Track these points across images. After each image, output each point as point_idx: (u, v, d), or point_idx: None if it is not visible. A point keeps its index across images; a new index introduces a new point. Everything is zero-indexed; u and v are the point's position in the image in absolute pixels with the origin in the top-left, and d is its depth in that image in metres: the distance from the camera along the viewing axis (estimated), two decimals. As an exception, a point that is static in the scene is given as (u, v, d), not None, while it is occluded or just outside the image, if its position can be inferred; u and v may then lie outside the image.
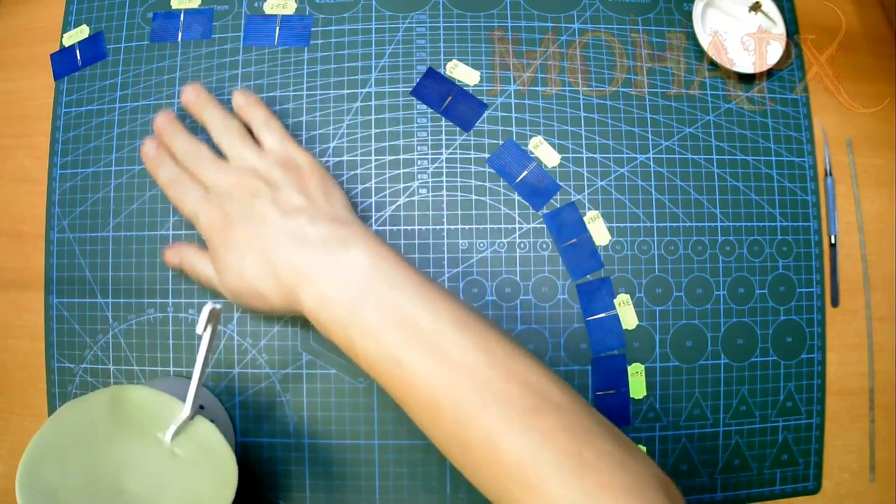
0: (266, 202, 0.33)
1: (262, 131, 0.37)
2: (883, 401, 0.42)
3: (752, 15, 0.43)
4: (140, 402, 0.31)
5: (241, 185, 0.34)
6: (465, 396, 0.27)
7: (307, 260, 0.31)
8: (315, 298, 0.31)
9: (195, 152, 0.37)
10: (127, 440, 0.30)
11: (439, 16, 0.43)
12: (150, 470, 0.30)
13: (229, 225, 0.34)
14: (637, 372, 0.40)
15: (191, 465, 0.30)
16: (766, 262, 0.41)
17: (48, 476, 0.28)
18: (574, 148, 0.42)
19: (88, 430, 0.30)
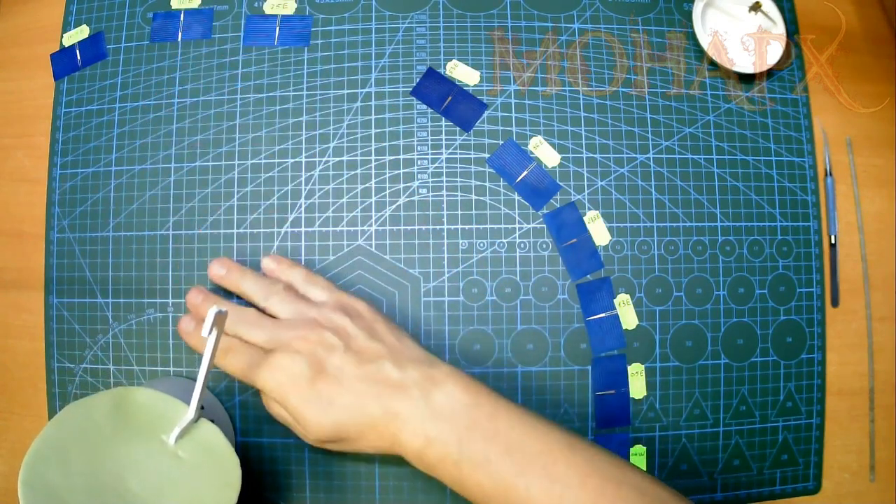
0: (340, 352, 0.33)
1: (308, 287, 0.37)
2: (883, 401, 0.42)
3: (752, 15, 0.43)
4: (143, 404, 0.31)
5: (307, 339, 0.33)
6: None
7: (404, 404, 0.31)
8: (418, 440, 0.31)
9: (240, 316, 0.35)
10: (130, 441, 0.30)
11: (439, 16, 0.43)
12: (153, 471, 0.30)
13: (304, 382, 0.32)
14: (637, 372, 0.40)
15: (194, 466, 0.30)
16: (766, 262, 0.41)
17: (50, 476, 0.28)
18: (574, 148, 0.42)
19: (91, 431, 0.30)
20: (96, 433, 0.30)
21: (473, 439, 0.30)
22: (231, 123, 0.42)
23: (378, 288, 0.40)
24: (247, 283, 0.37)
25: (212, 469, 0.30)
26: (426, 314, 0.40)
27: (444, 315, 0.40)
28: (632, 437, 0.40)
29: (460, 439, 0.30)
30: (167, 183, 0.42)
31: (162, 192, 0.41)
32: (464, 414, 0.31)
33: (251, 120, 0.42)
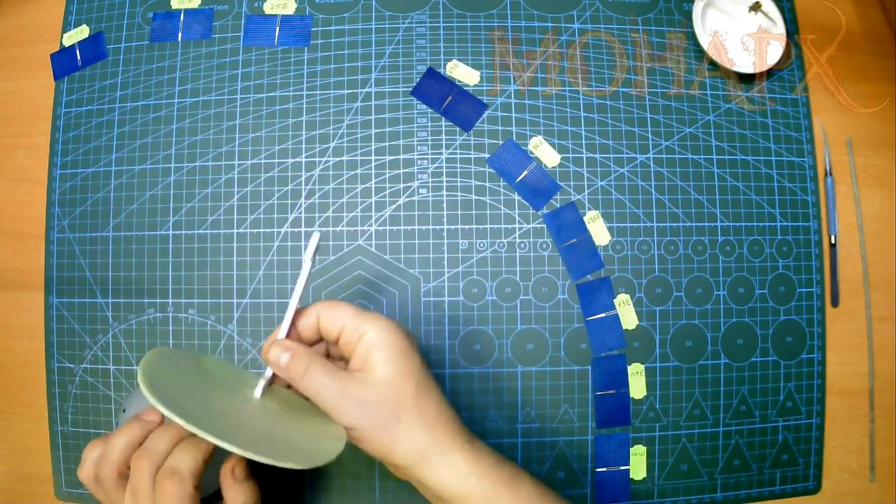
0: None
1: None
2: (883, 401, 0.42)
3: (752, 15, 0.43)
4: (217, 369, 0.32)
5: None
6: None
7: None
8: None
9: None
10: (219, 391, 0.30)
11: (439, 16, 0.43)
12: (250, 414, 0.29)
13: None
14: (637, 372, 0.40)
15: (288, 414, 0.30)
16: (766, 262, 0.41)
17: (168, 376, 0.28)
18: (574, 148, 0.42)
19: (186, 369, 0.30)
20: (190, 377, 0.30)
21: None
22: (231, 123, 0.42)
23: (378, 288, 0.40)
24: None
25: (306, 422, 0.30)
26: (426, 314, 0.40)
27: (444, 315, 0.40)
28: (632, 437, 0.40)
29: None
30: (167, 183, 0.42)
31: (162, 192, 0.41)
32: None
33: (251, 120, 0.42)
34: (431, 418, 0.30)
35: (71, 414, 0.41)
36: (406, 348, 0.30)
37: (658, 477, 0.40)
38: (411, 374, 0.30)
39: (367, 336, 0.30)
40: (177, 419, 0.25)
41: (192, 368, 0.31)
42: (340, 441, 0.29)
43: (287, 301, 0.40)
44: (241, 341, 0.40)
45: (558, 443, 0.39)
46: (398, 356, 0.30)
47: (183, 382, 0.29)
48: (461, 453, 0.30)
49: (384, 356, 0.30)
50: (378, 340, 0.30)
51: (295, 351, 0.30)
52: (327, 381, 0.29)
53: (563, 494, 0.39)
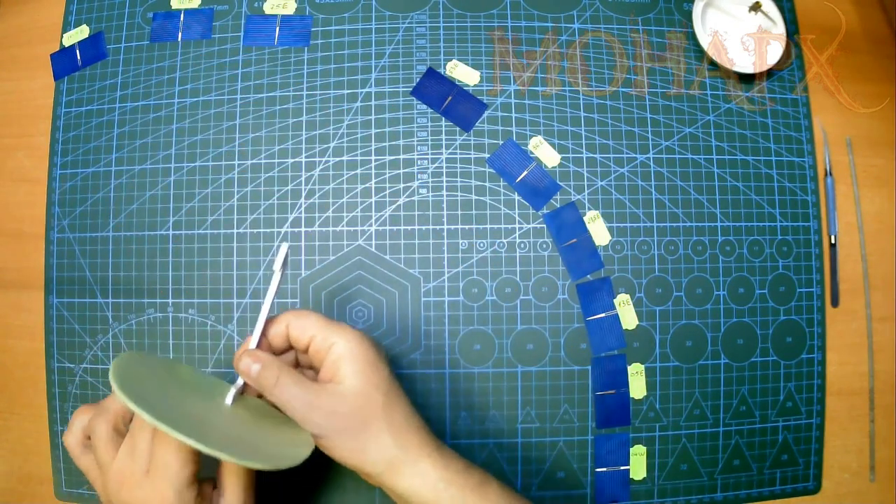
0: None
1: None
2: (883, 401, 0.42)
3: (752, 15, 0.43)
4: (189, 376, 0.32)
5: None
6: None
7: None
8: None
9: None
10: (191, 397, 0.30)
11: (439, 16, 0.43)
12: (221, 421, 0.29)
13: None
14: (637, 372, 0.40)
15: (257, 422, 0.30)
16: (766, 262, 0.41)
17: (141, 376, 0.28)
18: (574, 148, 0.42)
19: (158, 373, 0.30)
20: (162, 380, 0.30)
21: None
22: (231, 123, 0.42)
23: (378, 288, 0.40)
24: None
25: (276, 428, 0.30)
26: (426, 314, 0.40)
27: (444, 315, 0.40)
28: (632, 437, 0.40)
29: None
30: (167, 183, 0.42)
31: (162, 192, 0.41)
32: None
33: (251, 120, 0.42)
34: (400, 427, 0.30)
35: (71, 414, 0.41)
36: (374, 359, 0.31)
37: (658, 477, 0.40)
38: (379, 385, 0.31)
39: (335, 347, 0.31)
40: (146, 416, 0.25)
41: (165, 374, 0.31)
42: (308, 447, 0.29)
43: (288, 301, 0.40)
44: (241, 341, 0.40)
45: (558, 443, 0.39)
46: (367, 367, 0.30)
47: (155, 384, 0.29)
48: (429, 460, 0.30)
49: (353, 368, 0.30)
50: (346, 352, 0.30)
51: (265, 362, 0.30)
52: (297, 391, 0.30)
53: (563, 494, 0.39)
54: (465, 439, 0.39)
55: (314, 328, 0.31)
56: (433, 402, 0.39)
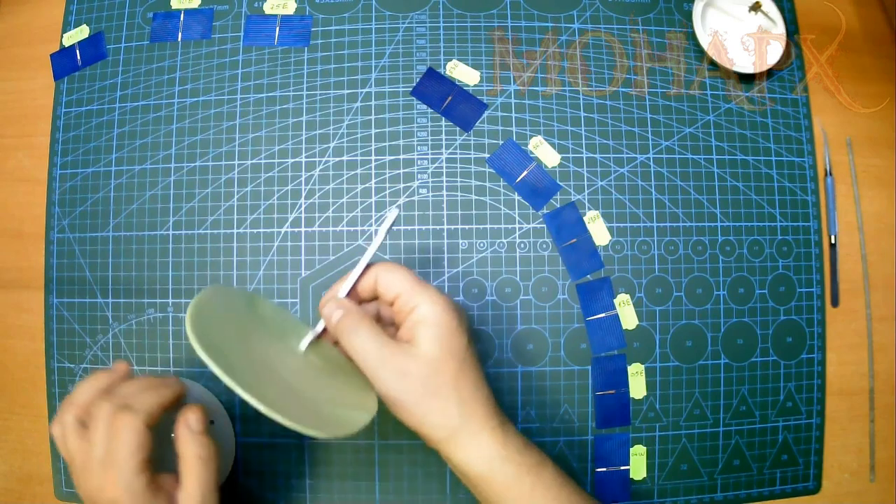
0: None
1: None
2: (883, 401, 0.42)
3: (752, 15, 0.43)
4: (269, 313, 0.33)
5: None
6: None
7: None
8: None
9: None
10: (267, 339, 0.30)
11: (439, 16, 0.43)
12: (292, 366, 0.30)
13: None
14: (637, 372, 0.40)
15: (329, 373, 0.31)
16: (766, 262, 0.41)
17: (213, 327, 0.28)
18: (574, 148, 0.42)
19: (236, 315, 0.31)
20: (240, 319, 0.30)
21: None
22: (231, 123, 0.42)
23: (378, 288, 0.40)
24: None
25: (343, 385, 0.31)
26: (426, 314, 0.40)
27: (444, 315, 0.40)
28: (632, 437, 0.40)
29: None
30: (167, 183, 0.42)
31: (162, 192, 0.41)
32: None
33: (251, 120, 0.42)
34: (467, 397, 0.30)
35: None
36: (455, 327, 0.31)
37: (658, 477, 0.40)
38: (455, 354, 0.30)
39: (418, 310, 0.30)
40: (209, 362, 0.25)
41: (245, 310, 0.31)
42: (369, 414, 0.30)
43: (288, 301, 0.40)
44: (241, 341, 0.40)
45: (558, 443, 0.39)
46: (445, 335, 0.30)
47: (230, 325, 0.29)
48: (490, 434, 0.30)
49: (432, 333, 0.30)
50: (429, 316, 0.30)
51: (348, 309, 0.31)
52: (372, 346, 0.30)
53: (563, 494, 0.39)
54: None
55: (401, 286, 0.31)
56: (433, 402, 0.39)
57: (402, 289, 0.31)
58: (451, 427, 0.30)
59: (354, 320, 0.30)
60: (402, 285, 0.31)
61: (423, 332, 0.30)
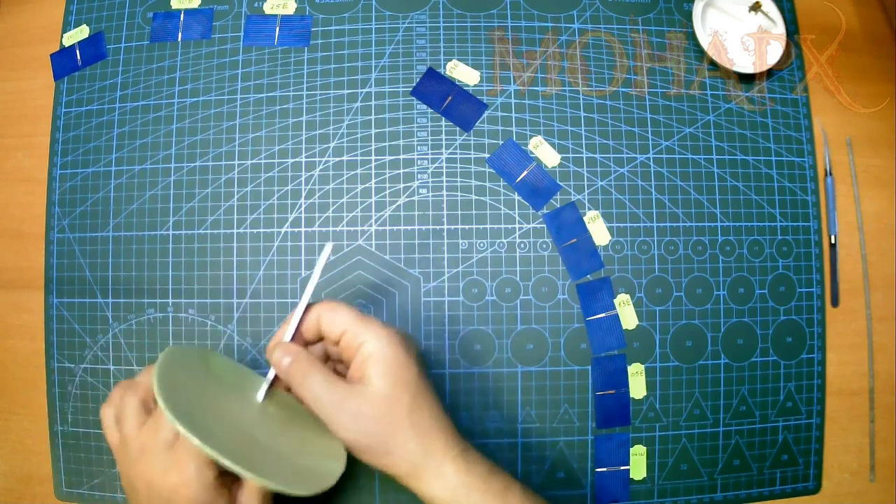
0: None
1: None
2: (883, 401, 0.42)
3: (752, 15, 0.43)
4: (226, 366, 0.32)
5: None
6: None
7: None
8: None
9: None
10: (224, 391, 0.31)
11: (439, 16, 0.43)
12: (251, 419, 0.30)
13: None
14: (637, 372, 0.40)
15: (287, 421, 0.31)
16: (766, 262, 0.41)
17: (180, 380, 0.29)
18: (574, 148, 0.42)
19: (194, 371, 0.31)
20: (199, 379, 0.30)
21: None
22: (231, 123, 0.42)
23: (378, 288, 0.40)
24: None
25: (309, 430, 0.31)
26: (426, 314, 0.40)
27: (444, 315, 0.40)
28: (632, 437, 0.40)
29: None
30: (167, 183, 0.42)
31: (162, 192, 0.41)
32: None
33: (251, 120, 0.42)
34: (425, 430, 0.30)
35: (71, 414, 0.41)
36: (404, 360, 0.30)
37: (658, 477, 0.40)
38: (407, 387, 0.30)
39: (365, 347, 0.30)
40: (195, 441, 0.25)
41: (201, 370, 0.31)
42: (338, 461, 0.30)
43: (288, 301, 0.40)
44: (241, 341, 0.40)
45: (558, 443, 0.39)
46: (394, 369, 0.30)
47: (194, 389, 0.29)
48: (452, 464, 0.30)
49: (380, 369, 0.30)
50: (375, 352, 0.30)
51: (296, 355, 0.30)
52: (324, 391, 0.29)
53: (563, 495, 0.39)
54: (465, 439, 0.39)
55: (345, 323, 0.31)
56: (433, 402, 0.39)
57: (345, 326, 0.31)
58: (413, 462, 0.30)
59: (303, 366, 0.30)
60: (346, 323, 0.31)
61: (371, 369, 0.30)
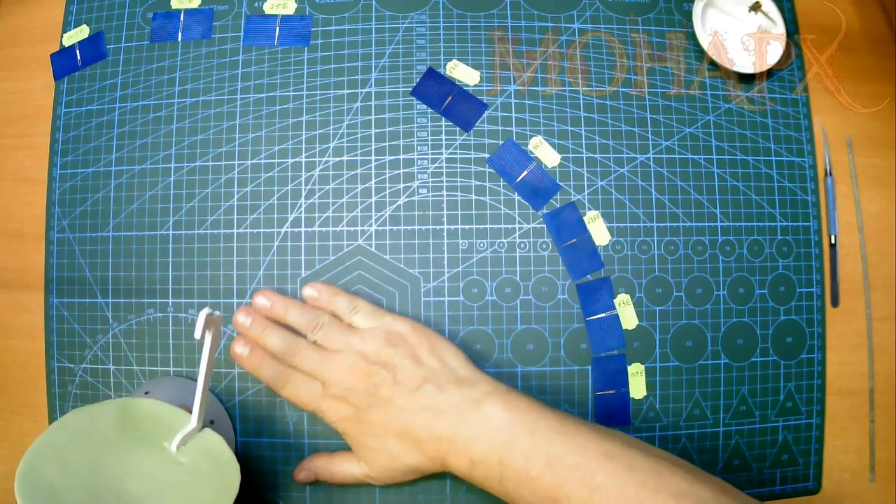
0: (389, 384, 0.34)
1: (351, 315, 0.37)
2: (883, 401, 0.42)
3: (752, 15, 0.43)
4: (148, 414, 0.32)
5: (357, 375, 0.35)
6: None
7: (447, 428, 0.33)
8: (464, 462, 0.32)
9: (295, 348, 0.36)
10: (133, 448, 0.30)
11: (439, 16, 0.43)
12: (153, 476, 0.30)
13: (360, 413, 0.34)
14: (637, 372, 0.40)
15: (194, 472, 0.30)
16: (766, 262, 0.41)
17: (49, 473, 0.28)
18: (574, 148, 0.42)
19: (94, 436, 0.30)
20: (99, 438, 0.30)
21: (514, 457, 0.31)
22: (231, 123, 0.42)
23: (378, 288, 0.40)
24: (292, 314, 0.37)
25: (212, 474, 0.30)
26: (426, 314, 0.40)
27: (444, 315, 0.40)
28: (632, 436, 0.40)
29: (501, 459, 0.31)
30: (167, 183, 0.42)
31: (162, 192, 0.42)
32: (504, 434, 0.31)
33: (251, 120, 0.42)
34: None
35: (71, 414, 0.41)
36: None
37: (658, 477, 0.40)
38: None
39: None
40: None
41: (109, 427, 0.30)
42: (231, 493, 0.30)
43: (287, 301, 0.39)
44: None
45: (558, 443, 0.39)
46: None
47: (77, 463, 0.29)
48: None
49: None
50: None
51: (315, 467, 0.38)
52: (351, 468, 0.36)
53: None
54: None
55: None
56: (433, 402, 0.39)
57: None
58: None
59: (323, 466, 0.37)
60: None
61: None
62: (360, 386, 0.34)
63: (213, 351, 0.31)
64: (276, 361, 0.36)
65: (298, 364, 0.36)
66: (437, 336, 0.37)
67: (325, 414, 0.35)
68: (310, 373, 0.36)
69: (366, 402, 0.34)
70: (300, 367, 0.36)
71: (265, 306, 0.38)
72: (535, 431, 0.31)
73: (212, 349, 0.31)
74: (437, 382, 0.34)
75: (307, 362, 0.36)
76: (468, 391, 0.33)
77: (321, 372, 0.35)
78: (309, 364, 0.36)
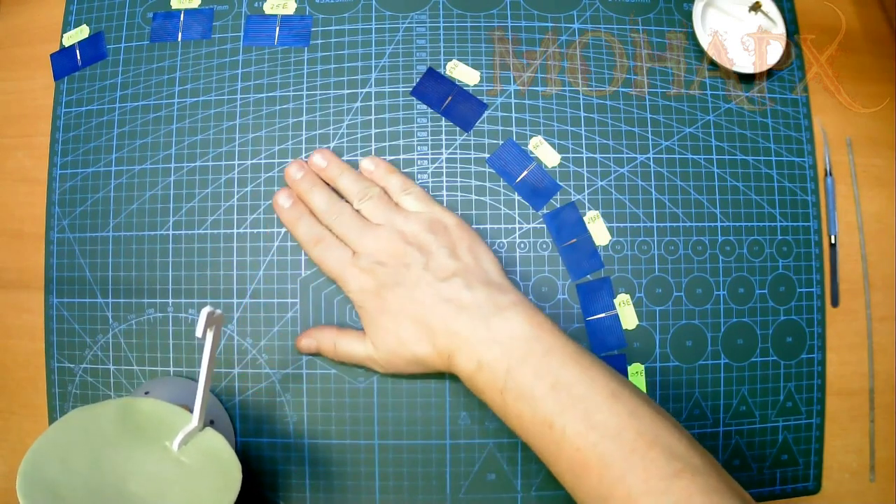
0: (419, 268, 0.34)
1: (402, 196, 0.37)
2: (883, 401, 0.42)
3: (752, 15, 0.43)
4: (149, 413, 0.32)
5: (391, 252, 0.34)
6: (612, 460, 0.28)
7: (465, 325, 0.32)
8: (472, 363, 0.32)
9: (338, 211, 0.36)
10: (134, 447, 0.30)
11: (439, 16, 0.43)
12: (154, 475, 0.30)
13: (382, 290, 0.34)
14: (637, 372, 0.40)
15: (196, 471, 0.30)
16: (766, 262, 0.41)
17: (50, 472, 0.28)
18: (574, 148, 0.42)
19: (95, 435, 0.30)
20: (100, 437, 0.30)
21: (523, 371, 0.30)
22: (231, 123, 0.42)
23: (378, 288, 0.40)
24: (344, 179, 0.38)
25: (213, 473, 0.31)
26: (426, 314, 0.40)
27: (444, 315, 0.40)
28: (632, 437, 0.40)
29: (510, 368, 0.31)
30: (167, 183, 0.42)
31: (162, 192, 0.42)
32: (519, 344, 0.31)
33: (251, 120, 0.42)
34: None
35: (71, 414, 0.41)
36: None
37: (658, 477, 0.40)
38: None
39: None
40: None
41: (110, 426, 0.30)
42: (232, 492, 0.29)
43: (288, 301, 0.40)
44: (241, 341, 0.40)
45: (558, 443, 0.39)
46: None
47: (78, 463, 0.29)
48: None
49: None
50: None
51: (317, 337, 0.37)
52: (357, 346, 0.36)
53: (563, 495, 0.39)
54: (465, 439, 0.39)
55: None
56: (433, 402, 0.39)
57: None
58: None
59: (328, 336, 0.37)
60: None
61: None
62: (391, 263, 0.34)
63: (215, 349, 0.31)
64: (315, 220, 0.37)
65: (336, 227, 0.36)
66: (480, 239, 0.37)
67: (348, 282, 0.35)
68: (345, 238, 0.36)
69: (391, 280, 0.34)
70: (337, 231, 0.36)
71: (320, 165, 0.38)
72: (551, 352, 0.31)
73: (213, 348, 0.31)
74: (466, 278, 0.33)
75: (345, 227, 0.36)
76: (496, 295, 0.33)
77: (356, 240, 0.35)
78: (346, 229, 0.36)
